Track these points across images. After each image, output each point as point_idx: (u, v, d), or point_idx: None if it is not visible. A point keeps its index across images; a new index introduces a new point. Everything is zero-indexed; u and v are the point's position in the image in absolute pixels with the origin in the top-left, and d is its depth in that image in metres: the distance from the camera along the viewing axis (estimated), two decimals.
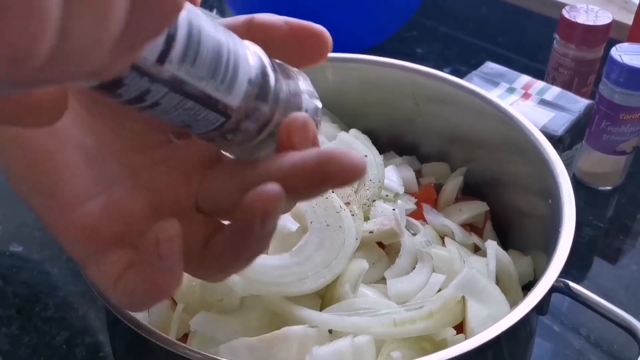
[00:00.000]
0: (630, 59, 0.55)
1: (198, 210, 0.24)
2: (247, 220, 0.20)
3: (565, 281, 0.34)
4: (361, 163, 0.20)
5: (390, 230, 0.40)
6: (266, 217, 0.20)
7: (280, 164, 0.21)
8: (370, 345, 0.33)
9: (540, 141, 0.42)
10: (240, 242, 0.21)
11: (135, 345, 0.36)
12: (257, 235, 0.21)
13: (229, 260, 0.22)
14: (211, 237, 0.23)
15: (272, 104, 0.22)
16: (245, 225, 0.21)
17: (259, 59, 0.21)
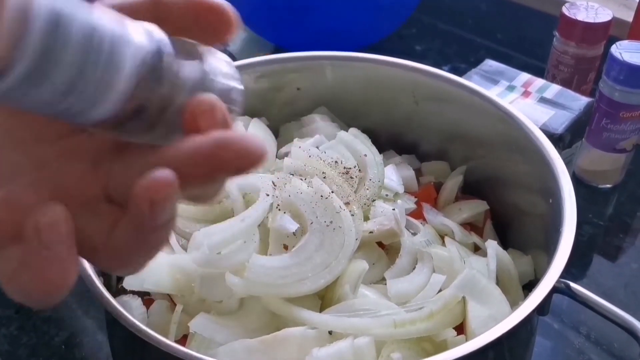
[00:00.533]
0: (630, 57, 0.54)
1: (109, 200, 0.22)
2: (138, 210, 0.19)
3: (566, 282, 0.34)
4: (258, 149, 0.19)
5: (390, 230, 0.40)
6: (154, 206, 0.19)
7: (177, 150, 0.20)
8: (371, 346, 0.33)
9: (540, 140, 0.42)
10: (135, 233, 0.20)
11: (133, 346, 0.36)
12: (150, 225, 0.20)
13: (129, 252, 0.21)
14: (114, 228, 0.21)
15: (169, 87, 0.20)
16: (137, 215, 0.20)
17: (150, 40, 0.20)
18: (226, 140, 0.19)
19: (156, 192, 0.19)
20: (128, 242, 0.21)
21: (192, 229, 0.41)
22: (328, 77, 0.52)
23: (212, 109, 0.20)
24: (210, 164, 0.19)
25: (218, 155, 0.19)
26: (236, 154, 0.19)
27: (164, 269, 0.37)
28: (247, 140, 0.19)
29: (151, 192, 0.19)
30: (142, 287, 0.37)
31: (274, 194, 0.40)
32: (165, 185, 0.19)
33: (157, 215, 0.19)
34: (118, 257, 0.22)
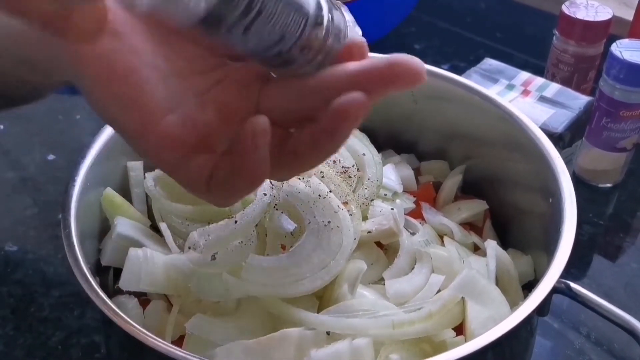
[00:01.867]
0: (630, 55, 0.54)
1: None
2: (336, 122, 0.24)
3: (566, 282, 0.33)
4: (421, 67, 0.24)
5: (389, 230, 0.39)
6: (355, 120, 0.23)
7: (347, 69, 0.25)
8: (369, 347, 0.33)
9: (540, 139, 0.42)
10: (326, 141, 0.25)
11: (129, 347, 0.36)
12: (342, 135, 0.24)
13: (311, 157, 0.26)
14: (285, 140, 0.26)
15: (326, 32, 0.25)
16: (334, 126, 0.24)
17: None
18: (397, 59, 0.24)
19: (358, 108, 0.23)
20: (312, 149, 0.25)
21: (188, 229, 0.40)
22: None
23: (362, 45, 0.26)
24: (384, 78, 0.24)
25: (392, 70, 0.24)
26: (406, 69, 0.24)
27: (160, 269, 0.37)
28: (412, 59, 0.24)
29: (355, 108, 0.23)
30: (138, 288, 0.37)
31: (272, 193, 0.39)
32: (365, 103, 0.23)
33: (354, 126, 0.24)
34: (294, 164, 0.26)
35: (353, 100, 0.23)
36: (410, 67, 0.24)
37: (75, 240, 0.36)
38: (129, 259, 0.36)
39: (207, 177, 0.26)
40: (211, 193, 0.26)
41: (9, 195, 0.59)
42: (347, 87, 0.24)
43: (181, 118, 0.26)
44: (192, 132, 0.26)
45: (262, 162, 0.25)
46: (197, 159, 0.26)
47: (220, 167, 0.26)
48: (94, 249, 0.41)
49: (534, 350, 0.42)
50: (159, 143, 0.26)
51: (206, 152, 0.26)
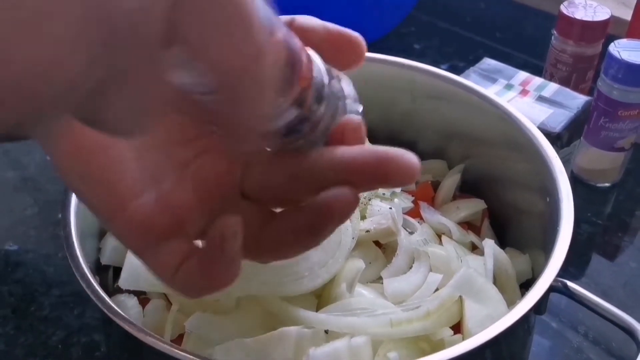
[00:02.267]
0: (628, 55, 0.54)
1: (243, 197, 0.25)
2: (320, 218, 0.22)
3: (563, 281, 0.34)
4: (415, 165, 0.22)
5: (387, 229, 0.39)
6: (340, 218, 0.22)
7: (335, 156, 0.23)
8: (367, 345, 0.33)
9: (538, 138, 0.42)
10: (308, 235, 0.23)
11: (129, 346, 0.36)
12: (326, 232, 0.23)
13: (291, 248, 0.24)
14: (266, 224, 0.24)
15: (324, 105, 0.23)
16: (317, 222, 0.23)
17: (317, 63, 0.22)
18: (388, 155, 0.22)
19: (341, 207, 0.22)
20: (295, 238, 0.24)
21: None
22: None
23: (358, 128, 0.24)
24: (373, 174, 0.22)
25: (382, 167, 0.22)
26: (397, 168, 0.22)
27: None
28: (406, 156, 0.22)
29: (341, 205, 0.22)
30: (138, 287, 0.37)
31: None
32: (348, 201, 0.22)
33: (333, 225, 0.22)
34: (274, 249, 0.24)
35: (340, 196, 0.22)
36: (401, 166, 0.22)
37: (75, 239, 0.36)
38: (128, 257, 0.37)
39: (174, 268, 0.24)
40: (176, 284, 0.24)
41: (9, 194, 0.59)
42: (334, 176, 0.23)
43: (153, 200, 0.24)
44: (164, 216, 0.24)
45: (232, 266, 0.23)
46: (167, 245, 0.24)
47: (189, 261, 0.24)
48: (93, 248, 0.42)
49: (532, 349, 0.42)
50: (125, 228, 0.24)
51: (178, 238, 0.24)
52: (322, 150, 0.23)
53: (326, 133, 0.23)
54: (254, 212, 0.25)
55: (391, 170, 0.22)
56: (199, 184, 0.25)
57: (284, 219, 0.24)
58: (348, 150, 0.23)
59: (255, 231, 0.24)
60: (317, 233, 0.23)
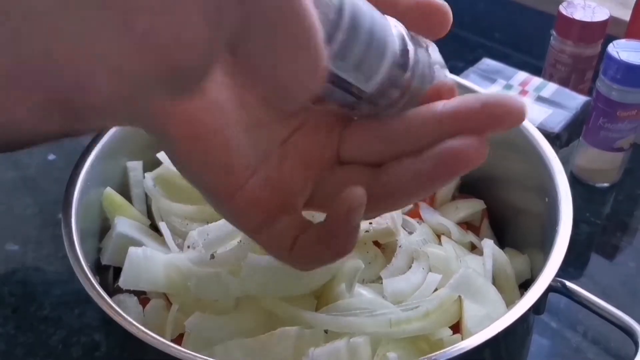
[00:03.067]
0: (627, 56, 0.54)
1: (340, 162, 0.26)
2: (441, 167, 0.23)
3: (562, 281, 0.34)
4: (523, 106, 0.22)
5: (387, 229, 0.40)
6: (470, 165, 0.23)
7: (434, 110, 0.23)
8: (366, 345, 0.33)
9: (537, 139, 0.42)
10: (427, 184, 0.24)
11: (129, 345, 0.36)
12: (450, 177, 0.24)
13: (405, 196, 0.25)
14: (371, 178, 0.25)
15: (411, 73, 0.23)
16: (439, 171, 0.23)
17: (398, 31, 0.23)
18: (495, 99, 0.22)
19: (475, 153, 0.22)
20: (401, 188, 0.24)
21: (188, 228, 0.41)
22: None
23: (453, 88, 0.25)
24: (480, 120, 0.22)
25: (489, 111, 0.22)
26: (506, 111, 0.22)
27: (159, 268, 0.37)
28: (512, 97, 0.22)
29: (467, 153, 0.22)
30: (138, 287, 0.37)
31: None
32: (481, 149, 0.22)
33: (454, 174, 0.23)
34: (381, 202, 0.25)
35: (464, 145, 0.22)
36: (511, 109, 0.22)
37: (76, 239, 0.36)
38: (129, 257, 0.37)
39: (291, 242, 0.25)
40: (293, 258, 0.26)
41: (10, 195, 0.59)
42: (439, 129, 0.23)
43: (264, 179, 0.25)
44: (276, 193, 0.25)
45: (353, 235, 0.24)
46: (280, 221, 0.25)
47: (306, 234, 0.25)
48: (94, 248, 0.42)
49: (531, 349, 0.42)
50: (244, 207, 0.25)
51: (288, 213, 0.25)
52: (418, 109, 0.24)
53: (416, 98, 0.24)
54: (355, 174, 0.25)
55: (499, 112, 0.22)
56: (300, 158, 0.26)
57: (398, 169, 0.24)
58: (448, 102, 0.23)
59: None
60: (440, 178, 0.23)
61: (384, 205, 0.26)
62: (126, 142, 0.45)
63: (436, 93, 0.24)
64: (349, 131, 0.26)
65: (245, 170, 0.25)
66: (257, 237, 0.26)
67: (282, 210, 0.25)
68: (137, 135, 0.46)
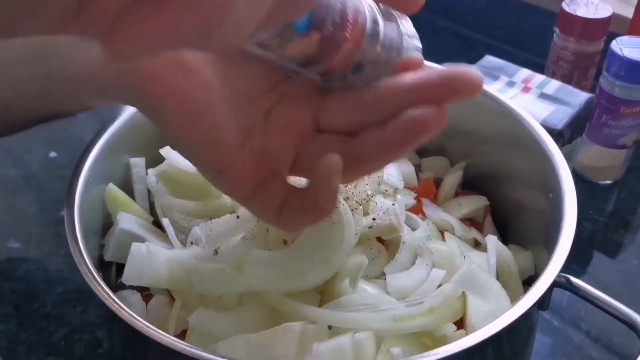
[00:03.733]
0: (630, 52, 0.54)
1: (319, 131, 0.28)
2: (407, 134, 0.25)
3: (566, 276, 0.34)
4: (480, 77, 0.24)
5: (390, 225, 0.39)
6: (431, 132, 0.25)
7: (403, 82, 0.25)
8: (371, 341, 0.33)
9: (540, 135, 0.42)
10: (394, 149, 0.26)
11: (132, 342, 0.36)
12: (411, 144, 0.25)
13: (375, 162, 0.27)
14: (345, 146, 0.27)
15: (381, 45, 0.25)
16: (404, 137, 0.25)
17: (369, 6, 0.24)
18: (451, 72, 0.24)
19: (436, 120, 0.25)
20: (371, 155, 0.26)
21: (191, 224, 0.41)
22: None
23: (420, 62, 0.26)
24: (440, 91, 0.24)
25: (447, 83, 0.24)
26: (462, 83, 0.24)
27: (162, 264, 0.37)
28: (468, 70, 0.24)
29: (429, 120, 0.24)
30: (141, 282, 0.37)
31: None
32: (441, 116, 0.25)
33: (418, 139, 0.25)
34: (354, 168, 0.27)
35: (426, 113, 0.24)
36: (467, 80, 0.24)
37: (79, 235, 0.36)
38: (131, 254, 0.37)
39: (278, 207, 0.27)
40: (281, 222, 0.28)
41: (11, 192, 0.59)
42: (405, 99, 0.25)
43: (250, 151, 0.27)
44: (263, 163, 0.27)
45: (333, 198, 0.26)
46: (268, 189, 0.27)
47: (291, 200, 0.27)
48: (96, 245, 0.42)
49: (534, 347, 0.42)
50: (235, 179, 0.27)
51: (275, 180, 0.28)
52: (391, 79, 0.26)
53: (387, 69, 0.26)
54: (331, 142, 0.27)
55: (456, 84, 0.24)
56: (282, 129, 0.28)
57: (367, 138, 0.26)
58: (414, 75, 0.25)
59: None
60: (404, 145, 0.25)
61: (358, 171, 0.28)
62: (128, 139, 0.45)
63: (405, 66, 0.26)
64: (325, 102, 0.28)
65: (233, 146, 0.26)
66: (249, 203, 0.28)
67: (269, 178, 0.27)
68: (139, 131, 0.45)
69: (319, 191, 0.26)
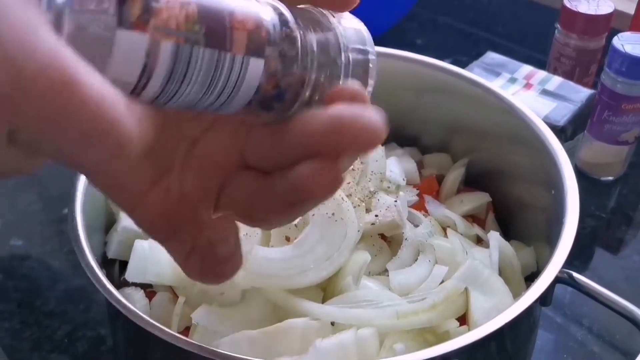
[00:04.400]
0: (632, 48, 0.54)
1: (247, 167, 0.24)
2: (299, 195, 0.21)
3: (569, 272, 0.34)
4: (377, 126, 0.19)
5: (392, 222, 0.39)
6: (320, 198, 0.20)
7: (299, 125, 0.20)
8: (374, 337, 0.33)
9: (542, 131, 0.42)
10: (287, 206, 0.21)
11: (136, 338, 0.36)
12: (305, 207, 0.21)
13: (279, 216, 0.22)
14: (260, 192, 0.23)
15: (302, 64, 0.19)
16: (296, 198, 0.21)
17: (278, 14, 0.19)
18: (342, 121, 0.19)
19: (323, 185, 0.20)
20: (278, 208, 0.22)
21: None
22: None
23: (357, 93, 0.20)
24: (332, 145, 0.19)
25: (334, 139, 0.19)
26: (355, 135, 0.19)
27: (165, 261, 0.37)
28: (364, 115, 0.19)
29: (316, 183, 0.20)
30: (144, 279, 0.37)
31: None
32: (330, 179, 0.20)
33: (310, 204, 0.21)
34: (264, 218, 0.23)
35: (312, 171, 0.20)
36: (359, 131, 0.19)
37: (82, 232, 0.36)
38: (135, 250, 0.37)
39: (185, 256, 0.24)
40: (187, 271, 0.24)
41: (14, 191, 0.59)
42: (312, 143, 0.20)
43: (165, 191, 0.24)
44: (178, 204, 0.24)
45: (228, 262, 0.23)
46: (181, 234, 0.24)
47: (195, 252, 0.24)
48: (100, 243, 0.42)
49: (537, 343, 0.42)
50: (146, 220, 0.24)
51: (191, 224, 0.24)
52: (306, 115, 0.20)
53: (322, 94, 0.20)
54: (248, 183, 0.23)
55: (348, 139, 0.19)
56: (203, 165, 0.24)
57: (272, 188, 0.22)
58: (311, 117, 0.20)
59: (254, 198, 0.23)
60: (294, 208, 0.21)
61: (261, 222, 0.24)
62: None
63: (334, 97, 0.20)
64: (250, 135, 0.24)
65: (142, 186, 0.23)
66: (165, 245, 0.24)
67: (186, 220, 0.24)
68: None
69: (214, 254, 0.23)
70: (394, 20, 0.80)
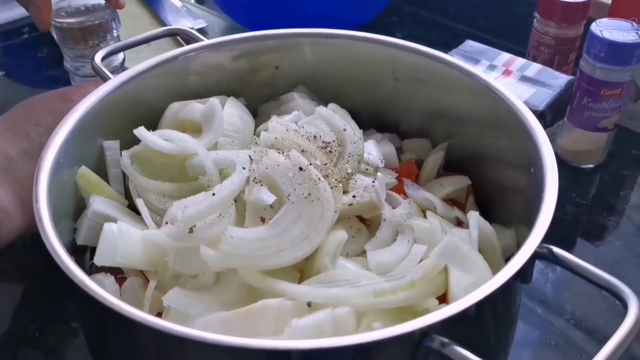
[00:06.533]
0: (610, 34, 0.54)
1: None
2: None
3: (548, 247, 0.33)
4: None
5: (370, 202, 0.39)
6: None
7: None
8: (351, 316, 0.32)
9: (521, 110, 0.41)
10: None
11: (105, 323, 0.34)
12: None
13: None
14: None
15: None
16: None
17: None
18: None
19: None
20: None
21: (166, 206, 0.40)
22: (307, 55, 0.51)
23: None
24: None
25: None
26: None
27: (136, 243, 0.36)
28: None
29: None
30: (114, 262, 0.36)
31: (251, 167, 0.39)
32: None
33: None
34: None
35: None
36: None
37: (49, 217, 0.35)
38: (104, 233, 0.36)
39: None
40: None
41: None
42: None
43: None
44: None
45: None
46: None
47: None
48: (69, 229, 0.40)
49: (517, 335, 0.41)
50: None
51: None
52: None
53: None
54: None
55: None
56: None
57: None
58: None
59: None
60: None
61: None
62: (101, 122, 0.43)
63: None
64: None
65: None
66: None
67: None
68: (112, 114, 0.44)
69: None
70: (374, 13, 0.80)
